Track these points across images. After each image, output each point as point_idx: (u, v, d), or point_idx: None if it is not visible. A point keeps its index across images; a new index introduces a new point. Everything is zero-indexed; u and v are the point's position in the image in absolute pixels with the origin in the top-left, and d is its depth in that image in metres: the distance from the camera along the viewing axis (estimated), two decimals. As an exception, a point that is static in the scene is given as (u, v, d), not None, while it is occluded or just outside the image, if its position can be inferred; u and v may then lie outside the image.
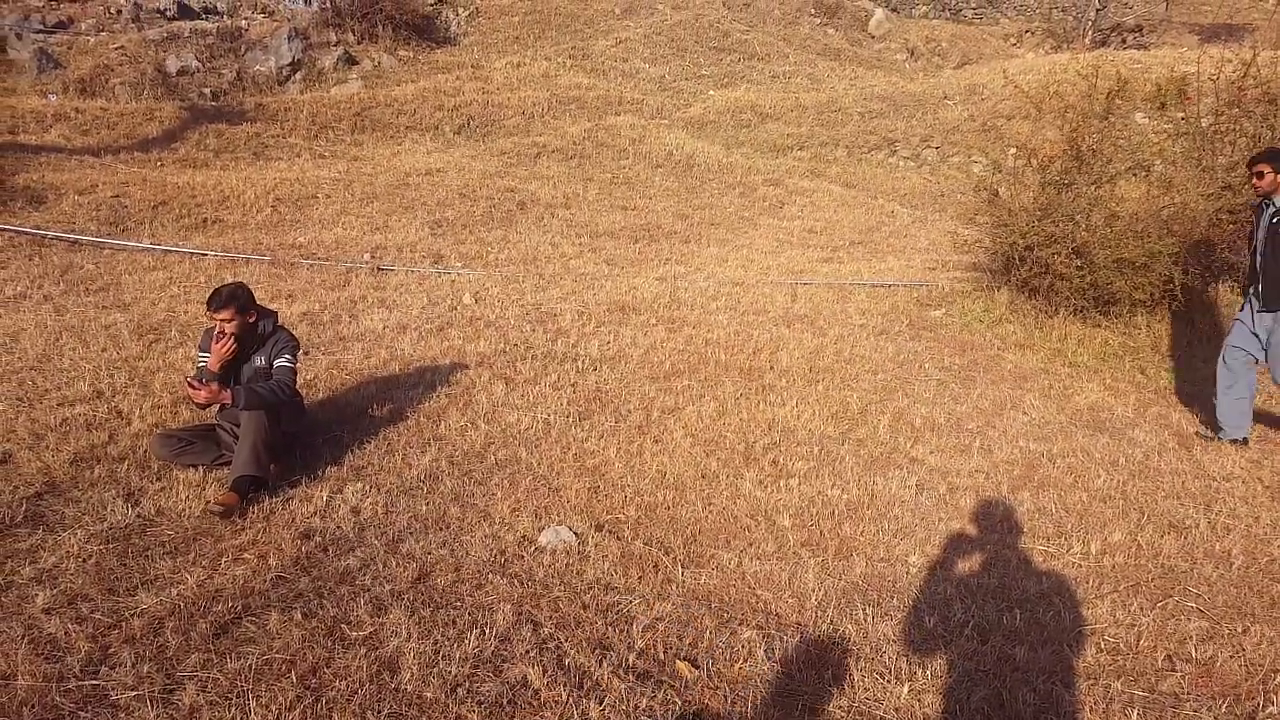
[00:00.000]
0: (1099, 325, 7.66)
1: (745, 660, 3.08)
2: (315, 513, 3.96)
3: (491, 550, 3.73)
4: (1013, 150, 9.08)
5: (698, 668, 3.02)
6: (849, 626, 3.34)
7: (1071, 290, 7.70)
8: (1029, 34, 28.03)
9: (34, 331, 6.11)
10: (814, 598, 3.50)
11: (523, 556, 3.70)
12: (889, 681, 3.03)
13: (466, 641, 3.05)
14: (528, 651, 3.03)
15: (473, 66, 19.70)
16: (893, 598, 3.59)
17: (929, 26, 27.34)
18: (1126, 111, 9.50)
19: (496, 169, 13.83)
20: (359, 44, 19.45)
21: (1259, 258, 5.49)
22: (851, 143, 17.54)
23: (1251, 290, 5.56)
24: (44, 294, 7.16)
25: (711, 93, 20.02)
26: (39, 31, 16.76)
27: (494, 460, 4.66)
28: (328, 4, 20.18)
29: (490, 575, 3.53)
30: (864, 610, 3.44)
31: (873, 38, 26.52)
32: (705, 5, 24.82)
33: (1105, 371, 6.94)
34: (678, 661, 3.04)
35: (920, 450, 5.15)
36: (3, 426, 4.58)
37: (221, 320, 4.21)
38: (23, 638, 2.91)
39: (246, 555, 3.57)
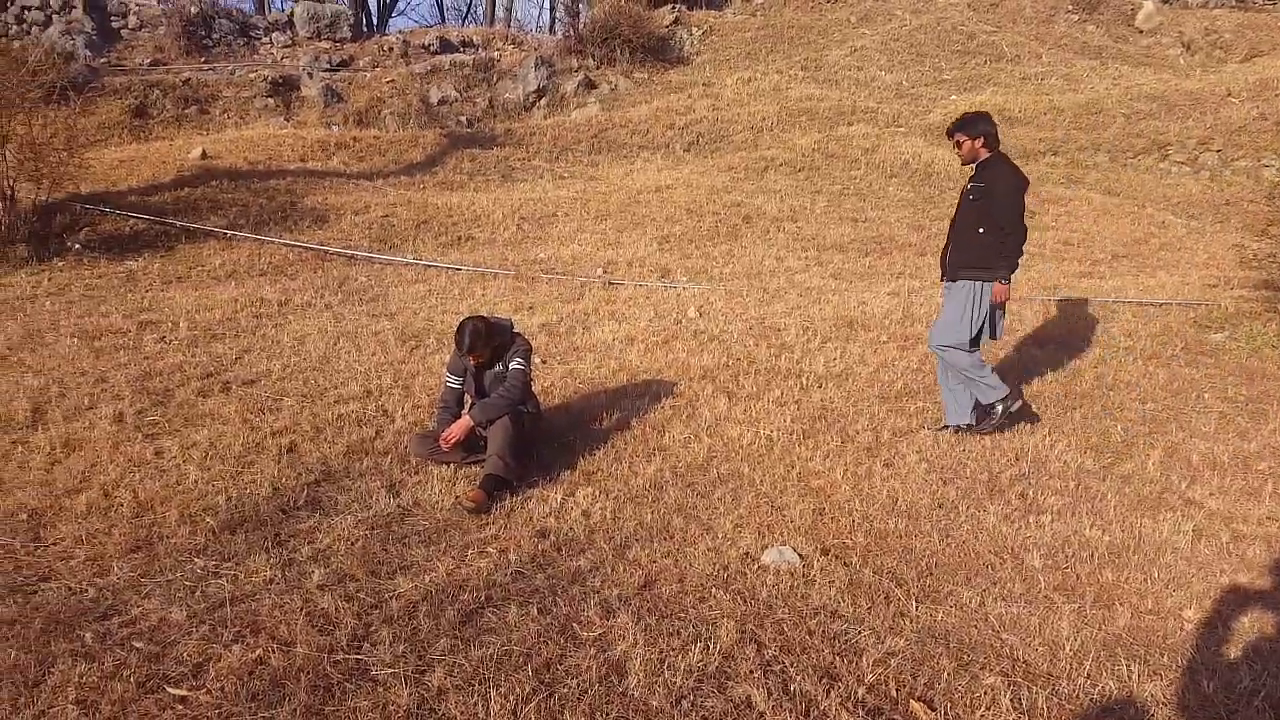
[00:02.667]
0: None
1: (988, 708, 2.84)
2: (550, 513, 4.15)
3: (714, 564, 3.72)
4: (1317, 151, 7.86)
5: (934, 710, 2.83)
6: (1110, 683, 3.00)
7: (1393, 313, 6.54)
8: (1338, 16, 24.26)
9: (317, 336, 6.89)
10: (1069, 647, 3.17)
11: (745, 574, 3.65)
12: (1159, 750, 2.69)
13: (691, 654, 3.05)
14: (751, 672, 2.98)
15: (704, 84, 20.03)
16: (1163, 655, 3.19)
17: (1208, 16, 24.41)
18: None
19: (723, 184, 13.94)
20: (598, 68, 20.39)
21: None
22: (1114, 147, 16.02)
23: None
24: (325, 303, 8.06)
25: (953, 98, 19.05)
26: (326, 70, 19.00)
27: (716, 474, 4.65)
28: (570, 32, 21.34)
29: (713, 590, 3.51)
30: (1128, 666, 3.08)
31: (1140, 32, 24.09)
32: (948, 7, 23.71)
33: None
34: (912, 701, 2.86)
35: (1198, 491, 4.56)
36: (290, 419, 5.18)
37: (473, 359, 4.54)
38: (301, 609, 3.25)
39: (489, 549, 3.79)
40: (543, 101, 19.13)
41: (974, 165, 5.20)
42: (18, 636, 3.02)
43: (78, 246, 9.65)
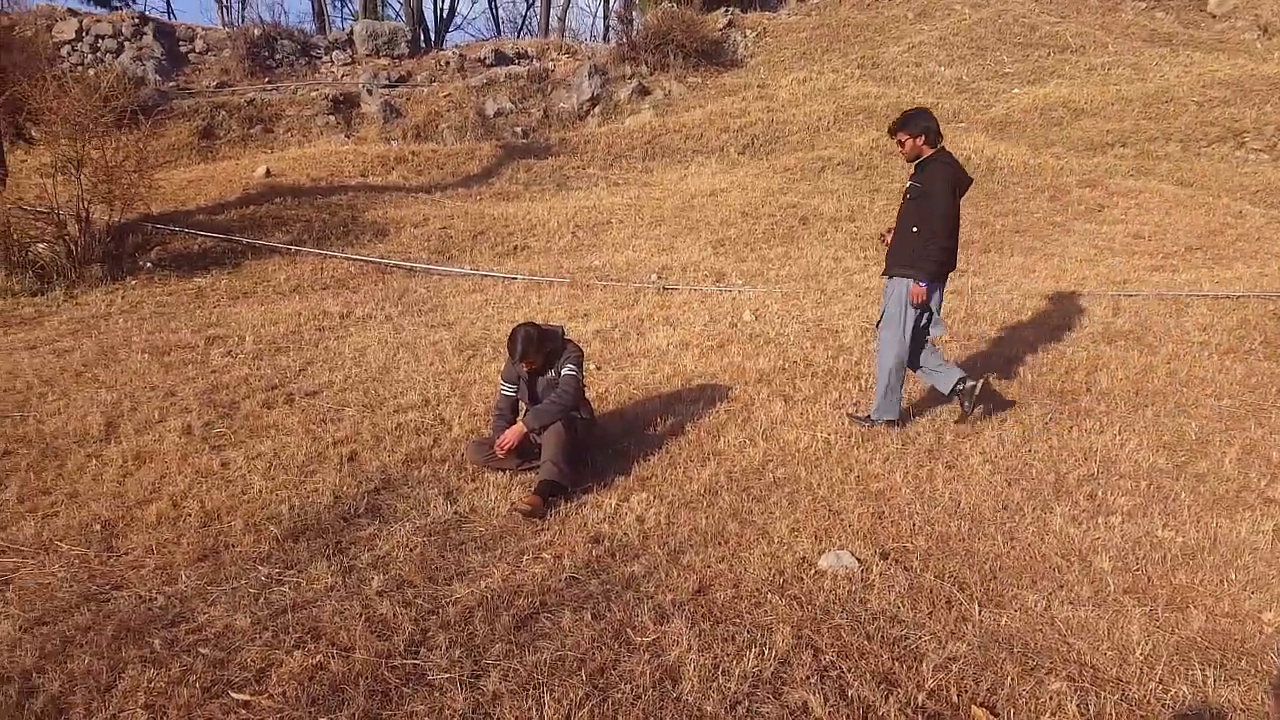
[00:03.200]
0: None
1: (1053, 714, 2.75)
2: (604, 519, 4.15)
3: (770, 569, 3.67)
4: None
5: (997, 715, 2.74)
6: (1183, 688, 2.87)
7: None
8: None
9: (377, 347, 7.03)
10: (1139, 651, 3.05)
11: (802, 579, 3.60)
12: (1239, 761, 2.56)
13: (745, 659, 3.02)
14: (808, 677, 2.93)
15: (758, 86, 19.93)
16: (1240, 659, 3.04)
17: (1287, -5, 23.35)
18: None
19: (779, 186, 13.83)
20: (651, 75, 20.44)
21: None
22: (1186, 136, 15.44)
23: None
24: (385, 314, 8.22)
25: (1016, 91, 18.61)
26: (385, 86, 19.44)
27: (772, 478, 4.60)
28: (623, 39, 21.44)
29: (769, 594, 3.47)
30: (1202, 671, 2.95)
31: (1213, 17, 23.19)
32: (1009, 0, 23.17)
33: None
34: (974, 707, 2.78)
35: (1278, 490, 4.34)
36: (351, 429, 5.29)
37: (525, 365, 4.57)
38: (360, 615, 3.31)
39: (544, 555, 3.81)
40: (596, 109, 19.26)
41: (916, 163, 5.19)
42: (91, 643, 3.13)
43: (149, 265, 10.04)
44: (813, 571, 3.65)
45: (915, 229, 5.08)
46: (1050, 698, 2.82)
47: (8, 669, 2.98)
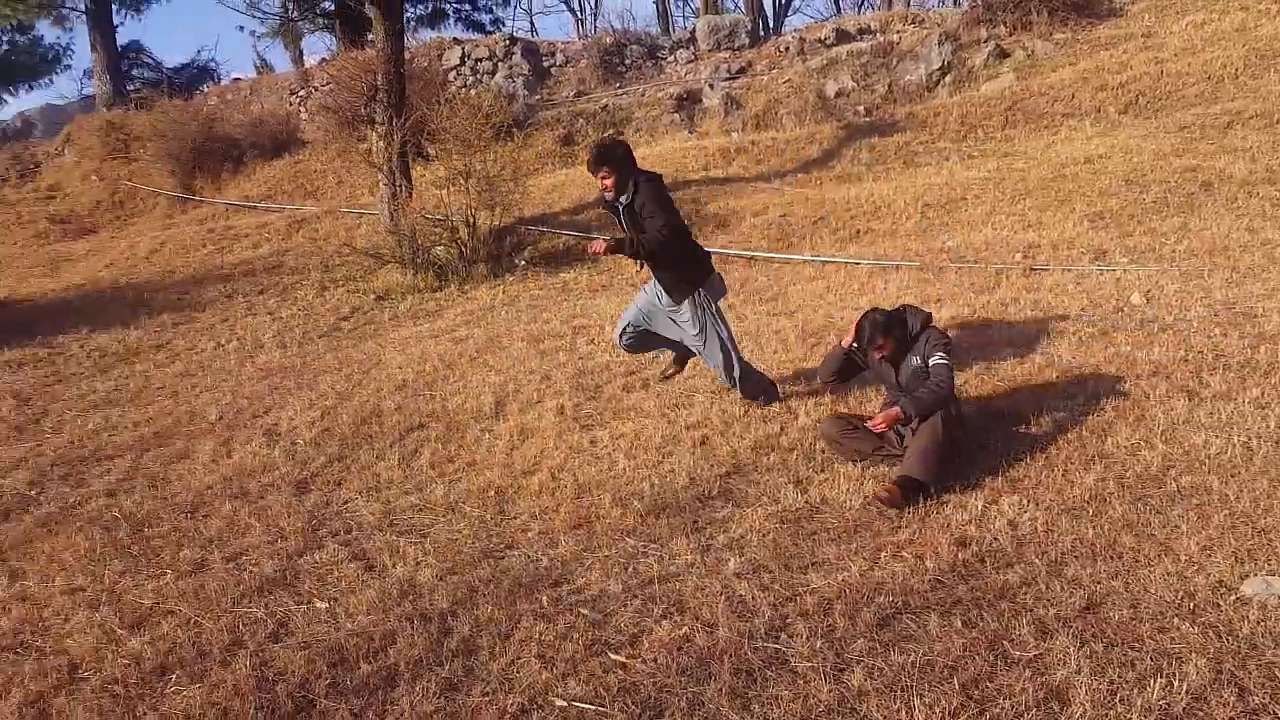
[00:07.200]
0: None
1: None
2: (970, 521, 3.86)
3: (1176, 591, 3.17)
4: None
5: None
6: None
7: None
8: None
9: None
10: None
11: (1218, 605, 3.06)
12: None
13: (1149, 689, 2.64)
14: (1230, 718, 2.48)
15: (1143, 36, 17.46)
16: None
17: None
18: None
19: (1172, 147, 12.00)
20: (1010, 35, 18.79)
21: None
22: None
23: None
24: (728, 303, 8.37)
25: None
26: (725, 79, 19.90)
27: (1175, 487, 3.97)
28: (978, 1, 19.94)
29: (1175, 619, 3.00)
30: None
31: None
32: None
33: None
34: None
35: None
36: (702, 414, 5.47)
37: (877, 353, 4.51)
38: (720, 594, 3.40)
39: (904, 554, 3.63)
40: (947, 79, 18.12)
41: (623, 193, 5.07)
42: (491, 594, 3.56)
43: (523, 263, 11.29)
44: (1233, 598, 3.10)
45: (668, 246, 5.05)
46: None
47: (429, 610, 3.47)
